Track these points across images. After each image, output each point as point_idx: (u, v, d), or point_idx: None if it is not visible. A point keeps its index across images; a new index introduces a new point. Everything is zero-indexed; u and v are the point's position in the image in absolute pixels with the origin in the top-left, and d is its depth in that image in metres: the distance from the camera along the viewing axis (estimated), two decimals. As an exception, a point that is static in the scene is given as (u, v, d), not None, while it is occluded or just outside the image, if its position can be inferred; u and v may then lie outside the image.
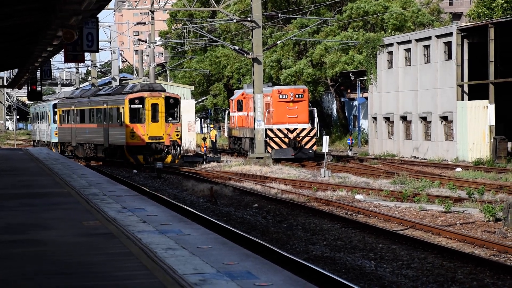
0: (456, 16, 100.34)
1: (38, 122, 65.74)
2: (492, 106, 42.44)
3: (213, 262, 9.18)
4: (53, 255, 10.04)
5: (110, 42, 67.36)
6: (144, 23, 63.51)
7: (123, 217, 13.49)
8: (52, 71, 43.61)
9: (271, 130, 44.44)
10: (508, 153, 42.85)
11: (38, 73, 37.12)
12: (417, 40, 48.98)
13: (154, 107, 41.76)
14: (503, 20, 42.60)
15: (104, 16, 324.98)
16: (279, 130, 44.42)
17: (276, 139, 44.47)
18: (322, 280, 12.04)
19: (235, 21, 47.23)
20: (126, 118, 41.73)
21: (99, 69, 78.43)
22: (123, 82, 61.08)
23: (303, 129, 44.59)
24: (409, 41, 49.78)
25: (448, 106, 45.71)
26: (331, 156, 44.38)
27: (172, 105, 42.21)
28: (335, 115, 70.76)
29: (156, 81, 60.17)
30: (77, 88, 65.94)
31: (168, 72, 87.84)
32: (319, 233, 18.92)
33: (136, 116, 41.82)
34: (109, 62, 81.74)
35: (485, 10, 54.62)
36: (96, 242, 11.00)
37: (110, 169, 40.90)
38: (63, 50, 23.82)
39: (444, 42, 46.46)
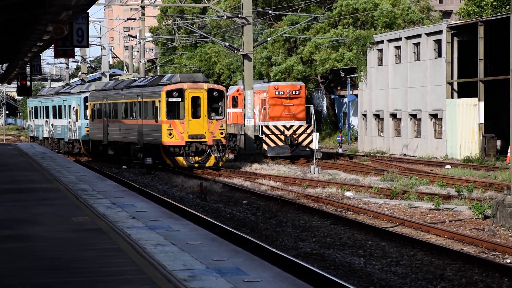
0: (446, 14, 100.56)
1: (45, 117, 57.33)
2: (482, 104, 42.55)
3: (202, 258, 9.17)
4: (42, 251, 10.01)
5: (100, 37, 67.19)
6: (135, 19, 63.36)
7: (113, 213, 13.46)
8: (42, 66, 42.34)
9: (267, 127, 43.59)
10: (497, 151, 42.97)
11: (28, 68, 36.99)
12: (407, 38, 49.04)
13: (195, 100, 36.38)
14: (492, 18, 42.70)
15: (95, 12, 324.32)
16: (275, 127, 43.57)
17: (272, 136, 43.60)
18: (311, 277, 12.05)
19: (225, 17, 47.19)
20: (162, 113, 36.39)
21: (89, 65, 78.23)
22: (113, 77, 60.87)
23: (300, 126, 43.79)
24: (399, 39, 49.86)
25: (437, 104, 45.81)
26: (321, 153, 43.88)
27: (216, 99, 36.82)
28: (325, 112, 70.83)
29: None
30: (116, 80, 56.12)
31: (158, 68, 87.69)
32: (309, 229, 18.94)
33: (174, 111, 36.53)
34: (99, 58, 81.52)
35: (475, 8, 54.72)
36: (85, 237, 10.98)
37: (99, 165, 40.79)
38: (53, 45, 23.73)
39: (434, 40, 46.54)
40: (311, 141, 43.40)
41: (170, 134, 36.09)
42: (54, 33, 18.67)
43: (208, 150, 36.34)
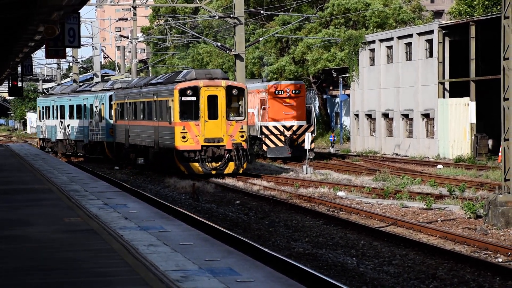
0: (438, 14, 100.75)
1: (60, 118, 51.65)
2: (473, 104, 42.66)
3: (195, 259, 9.17)
4: (34, 252, 9.99)
5: (92, 38, 67.10)
6: (126, 19, 63.33)
7: (105, 214, 13.45)
8: (33, 66, 42.00)
9: (267, 127, 42.42)
10: (489, 150, 43.07)
11: (19, 69, 36.92)
12: (399, 38, 49.13)
13: (212, 99, 32.73)
14: (484, 18, 42.81)
15: (86, 12, 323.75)
16: (275, 127, 42.46)
17: (272, 137, 42.44)
18: (303, 277, 12.05)
19: (217, 17, 47.17)
20: (175, 114, 32.80)
21: (80, 65, 78.10)
22: (105, 78, 60.59)
23: (300, 126, 42.58)
24: (391, 39, 49.94)
25: (429, 104, 45.90)
26: (314, 153, 43.39)
27: (236, 97, 33.19)
28: (317, 112, 70.91)
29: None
30: (141, 77, 50.91)
31: (150, 68, 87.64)
32: (301, 229, 18.95)
33: (188, 111, 32.87)
34: (91, 58, 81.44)
35: (466, 8, 54.85)
36: (77, 238, 10.96)
37: (91, 165, 40.72)
38: (44, 45, 23.70)
39: (425, 40, 46.64)
40: (312, 142, 42.33)
41: (184, 137, 32.42)
42: (45, 33, 18.64)
43: (227, 155, 32.55)
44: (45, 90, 66.03)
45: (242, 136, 32.79)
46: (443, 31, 44.97)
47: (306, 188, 27.80)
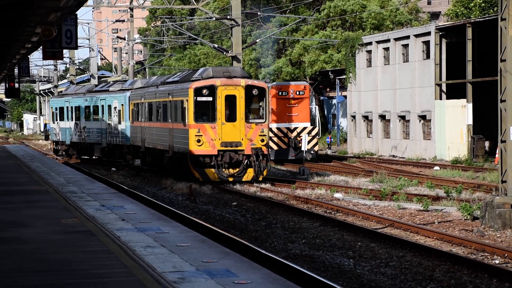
0: (435, 16, 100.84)
1: (75, 119, 48.23)
2: (470, 105, 42.70)
3: (192, 260, 9.17)
4: (30, 253, 9.97)
5: (89, 39, 67.08)
6: (123, 21, 63.29)
7: (102, 215, 13.44)
8: (30, 68, 41.48)
9: (270, 129, 39.70)
10: (486, 152, 43.12)
11: (16, 70, 36.90)
12: (396, 39, 49.18)
13: (230, 100, 30.14)
14: (480, 19, 42.86)
15: (83, 13, 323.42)
16: (279, 129, 41.36)
17: (275, 139, 40.95)
18: (301, 278, 12.05)
19: (214, 19, 47.16)
20: (190, 115, 30.20)
21: (77, 67, 78.06)
22: (102, 79, 60.43)
23: (304, 128, 41.21)
24: (387, 40, 49.98)
25: (426, 105, 45.94)
26: (310, 154, 42.74)
27: (256, 98, 30.51)
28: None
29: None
30: (159, 76, 47.29)
31: (147, 70, 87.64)
32: (298, 231, 18.95)
33: (204, 112, 30.36)
34: (87, 60, 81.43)
35: (463, 9, 54.93)
36: (74, 239, 10.95)
37: (88, 167, 40.69)
38: (41, 47, 23.69)
39: (422, 41, 46.69)
40: (316, 144, 41.72)
41: (198, 141, 29.78)
42: (42, 34, 18.63)
43: (246, 161, 29.96)
44: (58, 91, 60.57)
45: (262, 140, 30.12)
46: (440, 33, 45.02)
47: (303, 190, 27.80)
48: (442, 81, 45.12)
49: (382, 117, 50.64)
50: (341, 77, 58.60)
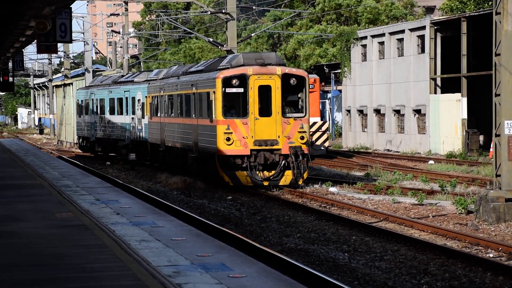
0: (429, 10, 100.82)
1: (100, 113, 44.17)
2: (465, 100, 42.74)
3: (187, 254, 9.17)
4: (25, 247, 9.96)
5: (83, 33, 66.92)
6: (118, 14, 63.14)
7: (97, 209, 13.43)
8: (24, 61, 40.99)
9: None
10: (480, 146, 43.18)
11: (10, 64, 36.82)
12: (391, 34, 49.18)
13: (265, 91, 26.29)
14: (475, 14, 42.87)
15: (78, 7, 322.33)
16: None
17: None
18: (295, 272, 12.06)
19: (209, 12, 47.10)
20: (217, 109, 26.34)
21: (72, 60, 77.90)
22: (96, 73, 60.14)
23: (314, 123, 38.17)
24: (382, 34, 49.98)
25: (421, 99, 45.97)
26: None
27: (294, 88, 26.62)
28: (309, 107, 70.92)
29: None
30: (180, 66, 41.98)
31: (142, 63, 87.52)
32: (293, 225, 18.96)
33: (234, 106, 26.65)
34: (82, 53, 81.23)
35: (458, 3, 54.93)
36: (69, 234, 10.94)
37: (83, 161, 40.63)
38: (35, 40, 23.63)
39: (417, 36, 46.69)
40: (326, 139, 39.92)
41: (228, 139, 25.96)
42: (37, 28, 18.59)
43: (283, 162, 26.08)
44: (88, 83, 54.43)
45: (302, 138, 26.12)
46: (435, 27, 45.03)
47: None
48: (437, 75, 45.14)
49: (377, 111, 50.66)
50: (336, 71, 58.59)
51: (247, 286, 7.67)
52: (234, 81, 26.18)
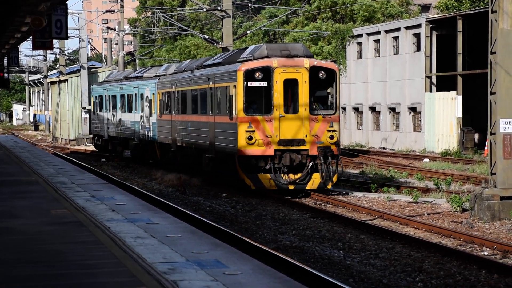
0: (425, 8, 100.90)
1: (112, 110, 42.19)
2: (460, 98, 42.81)
3: (182, 251, 9.17)
4: (20, 244, 9.95)
5: (78, 29, 66.83)
6: (113, 11, 63.10)
7: (92, 206, 13.42)
8: (19, 58, 40.81)
9: None
10: (475, 144, 43.25)
11: (6, 60, 36.77)
12: (386, 32, 49.21)
13: (291, 86, 23.96)
14: (471, 12, 42.93)
15: (73, 4, 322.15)
16: None
17: None
18: (290, 270, 12.07)
19: (205, 10, 47.08)
20: (238, 105, 24.02)
21: (67, 57, 77.79)
22: (92, 70, 60.05)
23: None
24: (378, 32, 50.01)
25: (416, 97, 46.02)
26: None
27: (324, 83, 24.34)
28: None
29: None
30: (192, 60, 37.14)
31: (137, 60, 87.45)
32: (288, 222, 18.97)
33: (257, 102, 24.23)
34: (77, 50, 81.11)
35: (453, 2, 54.99)
36: (64, 230, 10.93)
37: (78, 157, 40.58)
38: (31, 37, 23.60)
39: (413, 34, 46.74)
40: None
41: (250, 138, 23.61)
42: (32, 24, 18.56)
43: (310, 164, 23.82)
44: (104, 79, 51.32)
45: (331, 137, 23.94)
46: (430, 25, 45.07)
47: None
48: (432, 73, 45.19)
49: (372, 109, 50.69)
50: (331, 69, 58.53)
51: (242, 283, 7.67)
52: (257, 74, 23.80)
